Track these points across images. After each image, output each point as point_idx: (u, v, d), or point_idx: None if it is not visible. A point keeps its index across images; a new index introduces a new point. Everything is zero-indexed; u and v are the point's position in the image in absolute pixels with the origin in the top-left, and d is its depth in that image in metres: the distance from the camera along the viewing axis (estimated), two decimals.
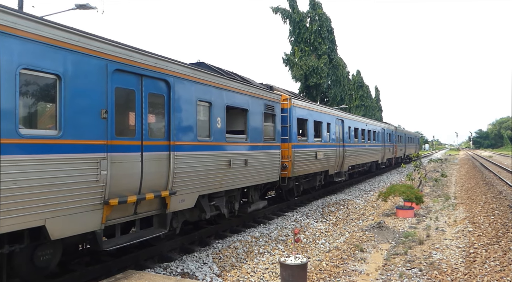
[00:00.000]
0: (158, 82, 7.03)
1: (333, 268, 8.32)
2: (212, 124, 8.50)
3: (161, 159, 7.03)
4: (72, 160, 5.38)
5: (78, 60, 5.53)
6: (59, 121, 5.27)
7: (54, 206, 5.14)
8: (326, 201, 16.32)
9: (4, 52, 4.61)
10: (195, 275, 7.38)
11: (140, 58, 6.61)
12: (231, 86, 9.33)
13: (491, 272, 7.65)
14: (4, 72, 4.60)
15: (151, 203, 6.93)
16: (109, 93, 5.97)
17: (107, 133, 5.91)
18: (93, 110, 5.72)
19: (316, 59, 41.04)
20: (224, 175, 8.94)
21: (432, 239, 10.44)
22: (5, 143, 4.58)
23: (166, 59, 7.24)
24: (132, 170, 6.41)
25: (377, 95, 73.07)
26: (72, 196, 5.38)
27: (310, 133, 14.50)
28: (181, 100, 7.52)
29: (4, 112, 4.58)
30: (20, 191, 4.72)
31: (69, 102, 5.37)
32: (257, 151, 10.46)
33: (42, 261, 5.56)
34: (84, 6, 14.77)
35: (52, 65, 5.16)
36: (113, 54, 6.10)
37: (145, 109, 6.72)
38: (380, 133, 28.27)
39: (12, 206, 4.65)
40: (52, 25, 5.20)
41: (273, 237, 10.46)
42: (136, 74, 6.55)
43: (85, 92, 5.62)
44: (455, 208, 15.17)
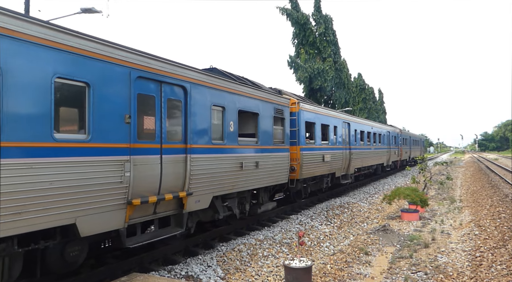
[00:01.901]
0: (175, 88, 7.48)
1: (338, 271, 8.37)
2: (225, 128, 8.93)
3: (179, 161, 7.46)
4: (99, 162, 5.82)
5: (105, 69, 5.98)
6: (87, 125, 5.71)
7: (84, 205, 5.58)
8: (330, 203, 16.42)
9: (41, 63, 5.06)
10: (199, 278, 7.48)
11: (160, 66, 7.06)
12: (243, 91, 9.77)
13: (498, 276, 7.61)
14: (41, 81, 5.05)
15: (169, 204, 7.35)
16: (132, 99, 6.41)
17: (130, 137, 6.34)
18: (117, 115, 6.16)
19: (320, 62, 41.46)
20: (237, 177, 9.35)
21: (438, 243, 10.44)
22: (42, 147, 5.02)
23: (183, 66, 7.70)
24: (152, 172, 6.84)
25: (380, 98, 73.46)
26: (99, 196, 5.81)
27: (318, 136, 14.93)
28: (197, 105, 7.97)
29: (41, 118, 5.03)
30: (55, 191, 5.16)
31: (97, 108, 5.81)
32: (267, 153, 10.88)
33: (71, 257, 6.00)
34: (90, 10, 14.93)
35: (82, 73, 5.61)
36: (136, 62, 6.54)
37: (164, 114, 7.16)
38: (386, 136, 28.68)
39: (48, 205, 5.08)
40: (82, 36, 5.65)
41: (278, 240, 10.54)
42: (156, 80, 7.00)
43: (111, 99, 6.07)
44: (461, 211, 15.17)
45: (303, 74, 40.00)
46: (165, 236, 7.23)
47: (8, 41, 4.68)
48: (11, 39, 4.72)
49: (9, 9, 4.77)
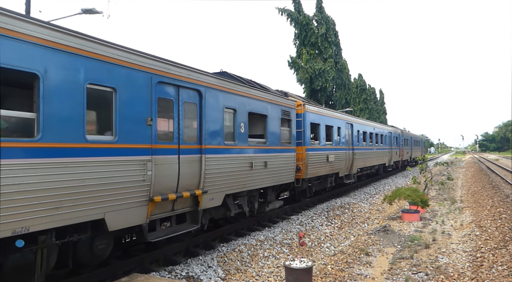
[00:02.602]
0: (191, 92, 8.02)
1: (338, 272, 8.44)
2: (236, 129, 9.47)
3: (194, 161, 7.99)
4: (125, 161, 6.34)
5: (129, 75, 6.50)
6: (114, 127, 6.24)
7: (111, 202, 6.09)
8: (331, 204, 16.56)
9: (76, 70, 5.58)
10: (200, 279, 7.58)
11: (178, 71, 7.59)
12: (253, 94, 10.33)
13: (499, 276, 7.64)
14: (76, 87, 5.57)
15: (186, 201, 7.88)
16: (153, 103, 6.94)
17: (151, 138, 6.87)
18: (141, 118, 6.68)
19: (321, 62, 41.90)
20: (247, 176, 9.89)
21: (438, 243, 10.53)
22: (76, 147, 5.54)
23: (198, 71, 8.23)
24: (171, 171, 7.37)
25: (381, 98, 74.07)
26: (125, 193, 6.33)
27: (322, 137, 15.49)
28: (211, 107, 8.51)
29: (75, 121, 5.54)
30: (87, 188, 5.67)
31: (122, 111, 6.33)
32: (275, 154, 11.42)
33: (99, 250, 6.53)
34: (90, 10, 15.09)
35: (109, 79, 6.13)
36: (156, 68, 7.07)
37: (181, 116, 7.69)
38: (387, 136, 29.29)
39: (81, 201, 5.60)
40: (110, 45, 6.18)
41: (278, 240, 10.63)
42: (174, 85, 7.53)
43: (135, 102, 6.59)
44: (462, 212, 15.29)
45: (304, 74, 40.30)
46: (182, 232, 7.74)
47: (49, 51, 5.20)
48: (51, 49, 5.24)
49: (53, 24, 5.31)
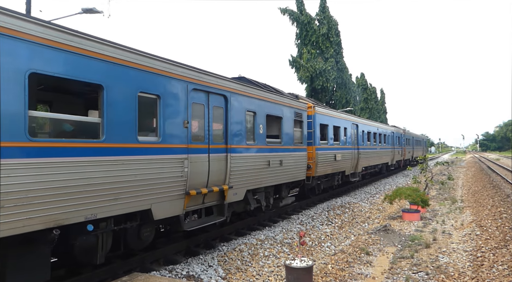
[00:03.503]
0: (219, 97, 9.11)
1: (339, 271, 8.56)
2: (256, 130, 10.57)
3: (221, 159, 9.09)
4: (167, 159, 7.41)
5: (170, 83, 7.57)
6: (158, 129, 7.30)
7: (156, 195, 7.15)
8: (331, 204, 16.88)
9: (131, 80, 6.66)
10: (200, 278, 7.72)
11: (208, 79, 8.68)
12: (270, 98, 11.45)
13: (499, 276, 7.72)
14: (130, 94, 6.63)
15: (214, 195, 8.97)
16: (188, 107, 8.03)
17: (187, 139, 7.96)
18: (179, 121, 7.77)
19: (322, 62, 42.85)
20: (265, 173, 10.99)
21: (439, 243, 10.69)
22: (130, 147, 6.61)
23: (224, 78, 9.33)
24: (203, 168, 8.45)
25: (382, 98, 75.31)
26: (167, 187, 7.39)
27: (330, 137, 16.70)
28: (235, 110, 9.60)
29: (130, 124, 6.61)
30: (138, 182, 6.73)
31: (164, 115, 7.40)
32: (289, 153, 12.53)
33: (144, 237, 7.63)
34: (91, 10, 15.37)
35: (155, 88, 7.20)
36: (191, 76, 8.16)
37: (210, 119, 8.78)
38: (390, 136, 30.62)
39: (134, 193, 6.66)
40: (156, 58, 7.25)
41: (279, 240, 10.83)
42: (205, 91, 8.62)
43: (174, 107, 7.66)
44: (462, 211, 15.52)
45: (305, 73, 41.20)
46: (211, 222, 8.84)
47: (111, 66, 6.27)
48: (113, 64, 6.31)
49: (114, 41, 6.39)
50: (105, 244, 6.68)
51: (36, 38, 5.19)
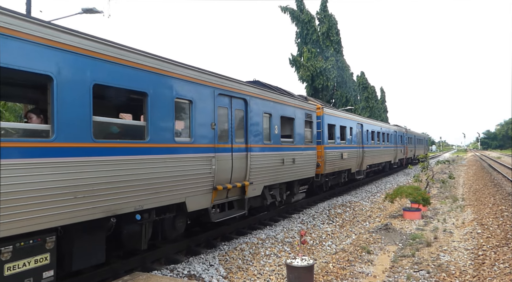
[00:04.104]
0: (240, 101, 10.18)
1: (340, 270, 8.71)
2: (271, 131, 11.64)
3: (242, 157, 10.16)
4: (198, 158, 8.47)
5: (200, 90, 8.62)
6: (190, 131, 8.35)
7: (189, 189, 8.19)
8: (332, 202, 17.18)
9: (170, 88, 7.69)
10: (201, 277, 7.88)
11: (231, 84, 9.74)
12: (283, 100, 12.56)
13: (501, 274, 7.82)
14: (169, 100, 7.66)
15: (236, 190, 10.02)
16: (215, 111, 9.08)
17: (215, 139, 9.01)
18: (207, 123, 8.81)
19: (323, 61, 43.85)
20: (279, 171, 12.07)
21: (440, 241, 10.89)
22: (169, 147, 7.65)
23: (244, 83, 10.40)
24: (227, 165, 9.51)
25: (382, 96, 76.34)
26: (198, 182, 8.44)
27: (337, 137, 17.90)
28: (253, 113, 10.67)
29: (169, 126, 7.65)
30: (175, 178, 7.77)
31: (195, 118, 8.44)
32: (301, 152, 13.64)
33: (178, 227, 8.68)
34: (91, 10, 15.70)
35: (188, 94, 8.24)
36: (217, 83, 9.20)
37: (233, 121, 9.84)
38: (393, 135, 31.99)
39: (172, 187, 7.69)
40: (189, 67, 8.29)
41: (280, 239, 11.07)
42: (228, 96, 9.68)
43: (203, 111, 8.71)
44: (463, 210, 15.86)
45: (305, 72, 42.25)
46: (234, 215, 9.93)
47: (153, 75, 7.31)
48: (156, 74, 7.35)
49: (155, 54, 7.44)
50: (147, 232, 7.72)
51: (99, 54, 6.23)
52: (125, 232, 7.28)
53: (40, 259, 5.54)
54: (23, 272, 5.33)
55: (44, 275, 5.59)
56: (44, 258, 5.58)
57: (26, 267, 5.36)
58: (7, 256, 5.12)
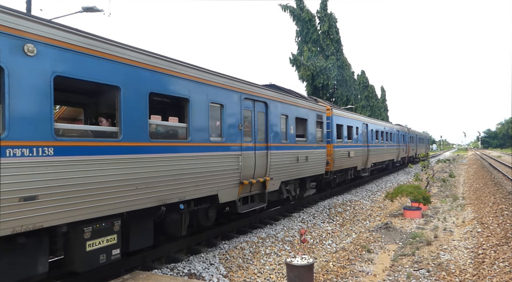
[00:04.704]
0: (261, 104, 11.50)
1: (340, 269, 8.88)
2: (288, 131, 12.97)
3: (263, 155, 11.48)
4: (228, 155, 9.77)
5: (229, 95, 9.91)
6: (222, 131, 9.64)
7: (221, 183, 9.49)
8: (332, 201, 17.50)
9: (205, 94, 8.98)
10: (202, 276, 8.01)
11: (254, 89, 11.05)
12: (298, 103, 13.92)
13: (500, 273, 7.94)
14: (205, 104, 8.96)
15: (258, 185, 11.33)
16: (241, 113, 10.38)
17: (241, 139, 10.32)
18: (235, 124, 10.11)
19: (323, 60, 44.80)
20: (294, 167, 13.43)
21: (440, 240, 11.08)
22: (205, 145, 8.94)
23: (265, 88, 11.76)
24: (251, 162, 10.82)
25: (383, 95, 77.49)
26: (228, 177, 9.73)
27: (344, 136, 19.38)
28: (273, 115, 12.01)
29: (205, 127, 8.94)
30: (210, 173, 9.05)
31: (226, 120, 9.73)
32: (313, 150, 15.02)
33: (210, 216, 10.00)
34: (91, 8, 16.00)
35: (220, 98, 9.52)
36: (243, 88, 10.50)
37: (255, 122, 11.14)
38: (395, 134, 33.68)
39: (208, 181, 8.99)
40: (221, 75, 9.58)
41: (280, 237, 11.27)
42: (252, 99, 10.99)
43: (232, 114, 10.00)
44: (464, 209, 16.13)
45: (306, 72, 42.72)
46: (257, 207, 11.30)
47: (193, 83, 8.59)
48: (195, 82, 8.63)
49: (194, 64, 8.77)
50: (186, 221, 9.04)
51: (154, 67, 7.52)
52: (169, 220, 8.57)
53: (110, 239, 6.84)
54: (98, 249, 6.62)
55: (113, 252, 6.90)
56: (112, 239, 6.89)
57: (101, 245, 6.66)
58: (88, 235, 6.42)
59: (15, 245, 5.53)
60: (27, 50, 5.38)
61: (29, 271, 5.72)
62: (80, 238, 6.34)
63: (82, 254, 6.37)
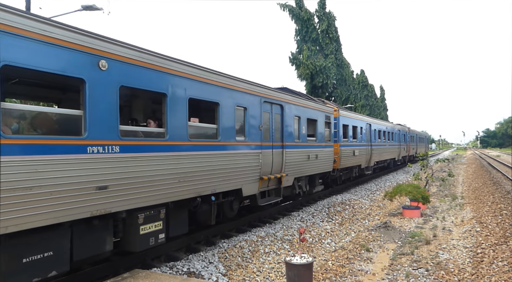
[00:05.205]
0: (278, 106, 12.81)
1: (339, 267, 8.97)
2: (300, 131, 14.31)
3: (279, 153, 12.79)
4: (250, 153, 11.06)
5: (251, 99, 11.21)
6: (245, 131, 10.91)
7: (244, 178, 10.78)
8: (332, 200, 17.87)
9: (232, 98, 10.26)
10: (201, 274, 8.11)
11: (272, 94, 12.36)
12: (309, 105, 15.29)
13: (499, 272, 8.07)
14: (231, 108, 10.23)
15: (274, 181, 12.64)
16: (261, 115, 11.68)
17: (261, 138, 11.62)
18: (256, 125, 11.40)
19: (322, 59, 45.72)
20: (306, 165, 14.78)
21: (439, 239, 11.18)
22: (232, 144, 10.23)
23: (281, 92, 13.07)
24: (269, 160, 12.11)
25: (382, 94, 78.70)
26: (249, 173, 11.02)
27: (350, 135, 20.83)
28: (287, 116, 13.33)
29: (231, 128, 10.20)
30: (236, 169, 10.33)
31: (248, 121, 11.02)
32: (322, 149, 16.40)
33: (234, 208, 11.36)
34: (91, 7, 16.29)
35: (243, 102, 10.80)
36: (263, 92, 11.81)
37: (273, 123, 12.44)
38: (396, 134, 35.33)
39: (233, 176, 10.26)
40: (244, 81, 10.86)
41: (279, 236, 11.44)
42: (269, 102, 12.29)
43: (253, 116, 11.30)
44: (462, 208, 16.33)
45: (305, 71, 43.36)
46: (273, 201, 12.60)
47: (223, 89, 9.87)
48: (224, 88, 9.90)
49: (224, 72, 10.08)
50: (214, 211, 10.33)
51: (193, 76, 8.81)
52: (201, 210, 9.87)
53: (157, 225, 8.11)
54: (149, 233, 7.91)
55: (159, 236, 8.18)
56: (159, 225, 8.17)
57: (151, 230, 7.94)
58: (141, 220, 7.69)
59: (91, 226, 6.82)
60: (101, 65, 6.65)
61: (99, 248, 7.02)
62: (135, 223, 7.63)
63: (137, 237, 7.66)
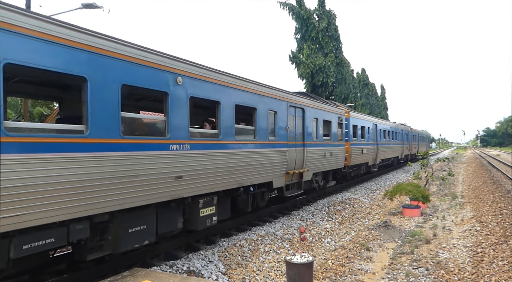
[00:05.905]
0: (300, 110, 14.89)
1: (339, 266, 9.09)
2: (317, 131, 16.41)
3: (301, 151, 14.84)
4: (279, 151, 13.07)
5: (280, 103, 13.23)
6: (275, 132, 12.90)
7: (274, 172, 12.77)
8: (331, 199, 18.41)
9: (266, 103, 12.35)
10: (201, 273, 8.26)
11: (296, 99, 14.43)
12: (325, 107, 17.46)
13: (499, 271, 8.18)
14: (265, 111, 12.28)
15: (297, 175, 14.68)
16: (287, 118, 13.71)
17: (287, 138, 13.65)
18: (283, 127, 13.42)
19: (322, 57, 46.20)
20: (322, 162, 16.87)
21: (439, 238, 11.32)
22: (265, 143, 12.23)
23: (302, 96, 15.22)
24: (293, 157, 14.13)
25: (382, 93, 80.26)
26: (278, 167, 13.02)
27: (358, 135, 23.11)
28: (308, 118, 15.41)
29: (265, 130, 12.24)
30: (268, 164, 12.31)
31: (277, 123, 13.01)
32: (335, 147, 18.54)
33: (265, 198, 13.41)
34: (91, 5, 16.89)
35: (274, 107, 12.79)
36: (289, 98, 13.86)
37: (296, 124, 14.47)
38: (400, 133, 37.86)
39: (266, 170, 12.25)
40: (277, 89, 12.92)
41: (279, 235, 11.64)
42: (294, 106, 14.34)
43: (281, 118, 13.30)
44: (463, 207, 16.69)
45: (305, 69, 44.27)
46: (296, 193, 14.61)
47: (259, 96, 11.89)
48: (260, 95, 11.94)
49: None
50: (250, 200, 12.39)
51: (237, 86, 10.82)
52: (240, 199, 11.94)
53: (212, 209, 10.12)
54: (206, 216, 9.91)
55: (213, 219, 10.19)
56: (213, 209, 10.17)
57: (207, 213, 9.94)
58: (201, 205, 9.68)
59: (169, 208, 8.80)
60: (178, 81, 8.66)
61: (174, 225, 9.00)
62: (197, 206, 9.61)
63: (198, 218, 9.64)
